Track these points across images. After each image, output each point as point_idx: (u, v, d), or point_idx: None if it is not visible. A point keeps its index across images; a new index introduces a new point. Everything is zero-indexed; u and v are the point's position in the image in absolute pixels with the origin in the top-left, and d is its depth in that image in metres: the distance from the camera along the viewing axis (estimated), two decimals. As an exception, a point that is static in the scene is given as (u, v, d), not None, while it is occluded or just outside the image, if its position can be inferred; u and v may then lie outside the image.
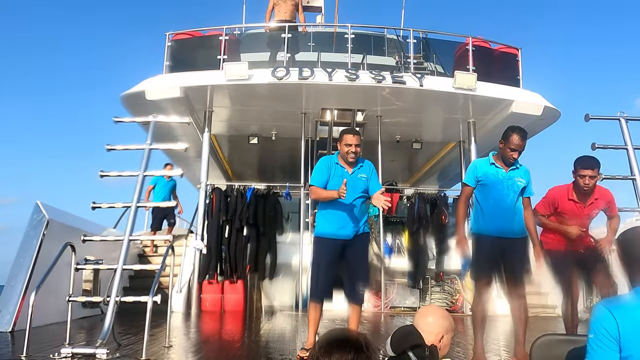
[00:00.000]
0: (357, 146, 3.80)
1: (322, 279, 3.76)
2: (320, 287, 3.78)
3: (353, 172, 3.82)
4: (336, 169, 3.83)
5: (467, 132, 8.77)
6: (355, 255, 3.78)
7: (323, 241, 3.81)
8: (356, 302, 3.82)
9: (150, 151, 4.24)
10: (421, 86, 7.40)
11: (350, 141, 3.78)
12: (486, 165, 3.64)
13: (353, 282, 3.76)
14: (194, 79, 7.49)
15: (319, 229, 3.87)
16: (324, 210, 3.85)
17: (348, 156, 3.79)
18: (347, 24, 8.24)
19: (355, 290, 3.75)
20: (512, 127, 3.66)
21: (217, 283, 7.68)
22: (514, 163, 3.57)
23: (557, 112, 8.06)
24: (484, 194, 3.60)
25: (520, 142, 3.52)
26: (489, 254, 3.49)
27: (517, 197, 3.56)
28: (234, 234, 7.76)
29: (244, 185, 8.07)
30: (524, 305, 3.51)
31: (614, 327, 1.56)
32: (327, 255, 3.77)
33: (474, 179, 3.64)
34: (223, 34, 7.73)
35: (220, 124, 9.20)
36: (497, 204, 3.53)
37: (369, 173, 3.87)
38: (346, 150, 3.79)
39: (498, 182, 3.55)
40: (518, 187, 3.55)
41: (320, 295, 3.80)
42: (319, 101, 8.06)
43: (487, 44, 8.34)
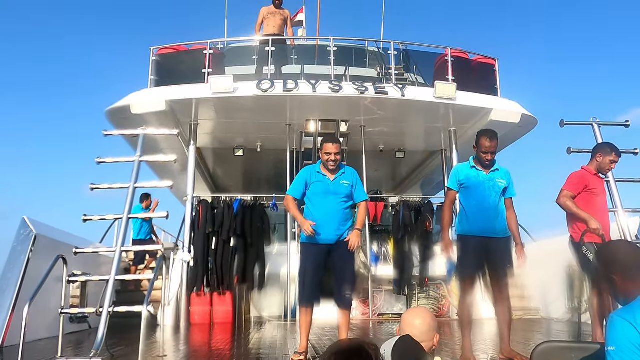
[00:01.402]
0: (337, 154, 3.96)
1: (309, 283, 3.88)
2: (308, 292, 3.90)
3: (335, 179, 3.97)
4: (317, 177, 3.98)
5: (449, 140, 8.98)
6: (341, 260, 3.90)
7: (308, 247, 3.94)
8: (344, 306, 3.92)
9: (140, 163, 4.30)
10: (403, 96, 7.59)
11: (330, 149, 3.95)
12: (467, 169, 3.81)
13: (340, 287, 3.87)
14: (179, 93, 7.56)
15: (304, 237, 3.98)
16: (308, 216, 3.97)
17: (328, 164, 3.95)
18: (329, 36, 8.41)
19: (342, 295, 3.86)
20: (480, 131, 3.88)
21: (206, 295, 7.67)
22: (492, 165, 3.74)
23: (534, 119, 8.33)
24: (466, 196, 3.76)
25: (489, 144, 3.70)
26: (474, 253, 3.64)
27: (499, 198, 3.72)
28: (221, 245, 7.78)
29: (231, 197, 8.11)
30: (507, 304, 3.65)
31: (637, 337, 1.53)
32: (313, 260, 3.90)
33: (456, 183, 3.80)
34: (207, 48, 7.83)
35: (206, 137, 9.25)
36: (479, 204, 3.68)
37: (352, 180, 4.03)
38: (326, 158, 3.96)
39: (480, 183, 3.72)
40: (499, 187, 3.72)
41: (309, 300, 3.92)
42: (304, 112, 8.19)
43: (466, 55, 8.61)
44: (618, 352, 1.54)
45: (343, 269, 3.88)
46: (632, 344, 1.52)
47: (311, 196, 3.97)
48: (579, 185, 4.00)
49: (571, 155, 4.94)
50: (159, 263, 4.36)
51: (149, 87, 7.87)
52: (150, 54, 7.97)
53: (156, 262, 6.65)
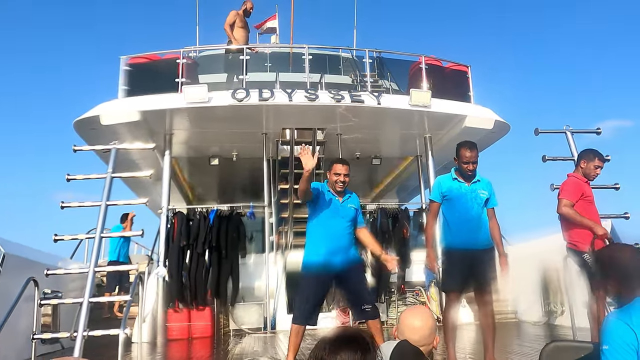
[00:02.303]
0: (346, 176, 3.89)
1: (309, 307, 3.79)
2: (306, 314, 3.80)
3: (344, 201, 3.89)
4: (327, 194, 3.89)
5: (424, 146, 9.06)
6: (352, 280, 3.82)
7: (313, 271, 3.82)
8: (372, 317, 3.82)
9: (112, 179, 4.16)
10: (379, 104, 7.62)
11: (339, 170, 3.87)
12: (449, 181, 3.82)
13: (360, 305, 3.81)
14: (152, 103, 7.39)
15: (309, 257, 3.87)
16: (313, 236, 3.89)
17: (336, 185, 3.86)
18: (304, 45, 8.39)
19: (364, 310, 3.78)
20: (460, 143, 3.91)
21: (184, 310, 7.50)
22: (473, 176, 3.77)
23: (507, 125, 8.49)
24: (449, 208, 3.77)
25: (470, 154, 3.73)
26: (459, 267, 3.65)
27: (482, 209, 3.75)
28: (195, 259, 7.62)
29: (207, 207, 7.96)
30: (491, 314, 3.67)
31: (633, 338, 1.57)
32: (316, 285, 3.79)
33: (439, 195, 3.81)
34: (180, 57, 7.69)
35: (180, 146, 9.08)
36: (462, 216, 3.70)
37: (357, 205, 3.98)
38: (335, 179, 3.87)
39: (462, 195, 3.74)
40: (481, 199, 3.75)
41: (305, 321, 3.83)
42: (280, 121, 8.13)
43: (439, 62, 8.71)
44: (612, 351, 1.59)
45: (357, 287, 3.83)
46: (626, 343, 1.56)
47: (319, 215, 3.84)
48: (576, 193, 3.97)
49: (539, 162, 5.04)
50: (134, 284, 4.22)
51: (120, 97, 7.66)
52: (120, 63, 7.78)
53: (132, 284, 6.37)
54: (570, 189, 4.00)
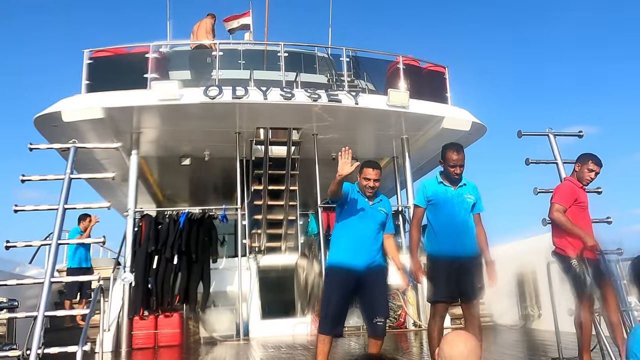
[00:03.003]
0: (376, 181, 3.65)
1: (332, 312, 3.50)
2: (330, 321, 3.51)
3: (374, 204, 3.66)
4: (357, 196, 3.66)
5: (401, 147, 8.94)
6: (373, 286, 3.55)
7: (336, 272, 3.58)
8: (376, 335, 3.52)
9: (71, 181, 3.82)
10: (356, 104, 7.44)
11: (370, 175, 3.64)
12: (434, 185, 3.64)
13: (371, 315, 3.52)
14: (118, 99, 7.00)
15: (332, 258, 3.65)
16: (339, 237, 3.66)
17: (366, 190, 3.64)
18: (279, 42, 8.13)
19: (374, 323, 3.49)
20: (446, 145, 3.72)
21: (150, 318, 7.12)
22: (460, 179, 3.60)
23: (483, 127, 8.44)
24: (434, 214, 3.59)
25: (457, 157, 3.56)
26: (446, 276, 3.47)
27: (468, 214, 3.58)
28: (163, 264, 7.24)
29: (177, 210, 7.60)
30: (478, 325, 3.50)
31: None
32: (339, 287, 3.53)
33: (424, 200, 3.63)
34: (150, 50, 7.32)
35: (149, 145, 8.68)
36: (448, 221, 3.52)
37: (388, 209, 3.73)
38: (365, 184, 3.64)
39: (448, 200, 3.56)
40: (468, 203, 3.58)
41: (331, 330, 3.52)
42: (254, 120, 7.85)
43: (416, 63, 8.59)
44: None
45: (375, 295, 3.55)
46: None
47: (346, 216, 3.62)
48: (570, 198, 3.81)
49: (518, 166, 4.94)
50: (95, 295, 3.88)
51: (83, 92, 7.23)
52: (83, 57, 7.34)
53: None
54: (563, 194, 3.84)
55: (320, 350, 3.50)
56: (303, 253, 8.14)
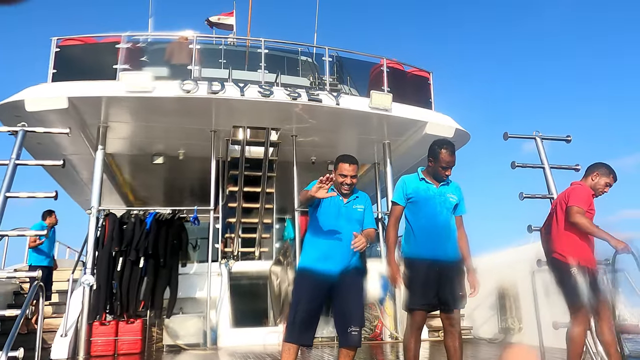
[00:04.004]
0: (353, 177, 3.33)
1: (300, 318, 3.15)
2: (298, 328, 3.15)
3: (348, 202, 3.32)
4: (332, 198, 3.28)
5: (382, 153, 8.70)
6: (347, 291, 3.21)
7: (306, 276, 3.24)
8: (350, 345, 3.15)
9: (16, 167, 3.43)
10: (337, 105, 7.18)
11: (346, 171, 3.31)
12: (415, 181, 3.35)
13: (345, 322, 3.16)
14: (85, 89, 6.60)
15: (303, 261, 3.30)
16: (311, 239, 3.31)
17: (342, 187, 3.30)
18: (260, 38, 7.84)
19: (347, 332, 3.14)
20: (439, 142, 3.40)
21: (111, 323, 6.68)
22: (446, 180, 3.33)
23: (467, 134, 8.25)
24: (414, 213, 3.29)
25: (450, 158, 3.27)
26: (425, 281, 3.15)
27: (450, 215, 3.29)
28: (128, 266, 6.81)
29: (144, 210, 7.19)
30: (459, 335, 3.20)
31: None
32: (309, 292, 3.19)
33: (403, 197, 3.33)
34: (121, 40, 6.95)
35: (120, 142, 8.27)
36: (429, 222, 3.22)
37: (366, 204, 3.39)
38: (341, 180, 3.30)
39: (429, 198, 3.27)
40: (451, 203, 3.29)
41: (297, 338, 3.17)
42: (231, 118, 7.51)
43: (401, 66, 8.39)
44: None
45: (350, 302, 3.20)
46: None
47: (319, 217, 3.30)
48: (587, 203, 3.56)
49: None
50: (31, 294, 3.48)
51: (49, 81, 6.82)
52: (52, 45, 6.93)
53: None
54: (582, 197, 3.56)
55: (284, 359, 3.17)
56: (277, 259, 7.80)
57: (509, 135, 4.45)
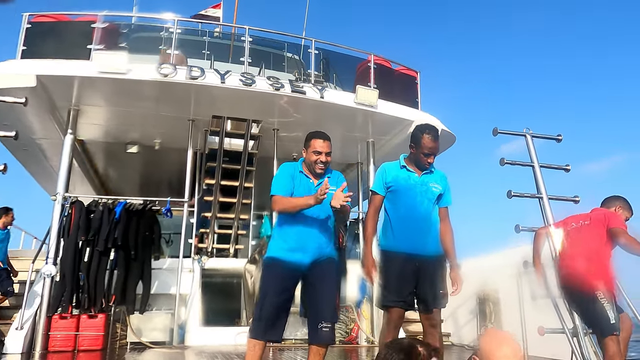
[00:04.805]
0: (328, 155, 3.08)
1: (267, 313, 2.88)
2: (264, 323, 2.89)
3: (319, 184, 3.03)
4: (301, 179, 3.05)
5: (366, 152, 8.48)
6: (319, 284, 2.95)
7: (274, 266, 2.96)
8: (319, 341, 2.90)
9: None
10: (322, 98, 6.95)
11: (320, 147, 3.06)
12: (396, 169, 3.12)
13: (316, 317, 2.91)
14: (55, 68, 6.24)
15: (271, 251, 3.02)
16: (281, 227, 3.03)
17: (316, 166, 3.05)
18: (244, 26, 7.57)
19: (318, 327, 2.88)
20: (421, 126, 3.19)
21: (72, 317, 6.29)
22: (429, 167, 3.10)
23: (452, 136, 8.10)
24: (393, 203, 3.05)
25: (434, 144, 3.06)
26: (402, 276, 2.91)
27: (433, 206, 3.06)
28: (96, 257, 6.45)
29: (114, 199, 6.83)
30: (439, 337, 2.97)
31: None
32: (277, 284, 2.92)
33: (383, 186, 3.10)
34: (98, 20, 6.61)
35: (93, 129, 7.89)
36: (409, 213, 2.99)
37: (338, 185, 3.09)
38: (315, 158, 3.04)
39: (410, 187, 3.03)
40: (433, 194, 3.05)
41: (263, 334, 2.90)
42: (210, 107, 7.22)
43: (388, 64, 8.21)
44: None
45: (322, 295, 2.93)
46: None
47: None
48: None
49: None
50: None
51: (18, 58, 6.44)
52: (22, 21, 6.56)
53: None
54: (621, 219, 3.55)
55: (249, 358, 2.88)
56: (253, 258, 7.49)
57: (499, 131, 4.26)
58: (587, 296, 3.26)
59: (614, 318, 3.17)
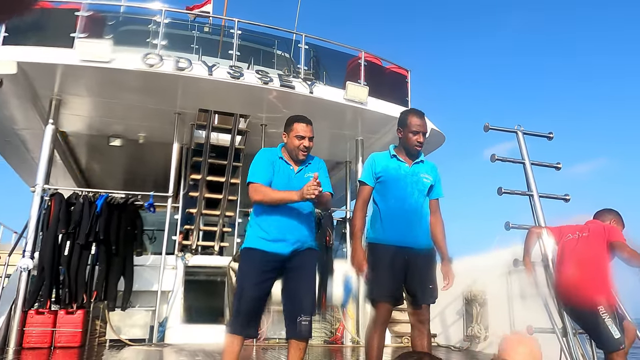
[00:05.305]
0: (311, 139, 2.94)
1: (246, 307, 2.74)
2: (242, 318, 2.75)
3: (300, 171, 2.91)
4: (279, 165, 2.89)
5: (355, 151, 8.39)
6: (297, 276, 2.82)
7: (251, 258, 2.82)
8: (298, 336, 2.76)
9: None
10: (311, 93, 6.85)
11: (304, 132, 2.93)
12: (386, 159, 3.02)
13: (294, 310, 2.78)
14: (37, 55, 6.04)
15: (249, 241, 2.87)
16: (259, 218, 2.86)
17: (299, 152, 2.89)
18: (234, 18, 7.44)
19: (297, 321, 2.75)
20: (405, 110, 3.14)
21: (49, 313, 6.09)
22: (419, 154, 3.00)
23: (442, 135, 8.05)
24: (383, 194, 2.94)
25: (421, 122, 2.97)
26: (389, 269, 2.79)
27: (424, 198, 2.96)
28: (77, 251, 6.26)
29: (95, 192, 6.64)
30: (428, 334, 2.86)
31: None
32: (255, 277, 2.77)
33: (372, 176, 2.99)
34: (82, 8, 6.43)
35: (76, 120, 7.69)
36: (398, 204, 2.88)
37: (319, 170, 2.97)
38: (297, 144, 2.90)
39: (400, 178, 2.93)
40: (424, 185, 2.96)
41: (241, 329, 2.76)
42: (197, 101, 7.07)
43: (379, 61, 8.13)
44: None
45: (301, 288, 2.80)
46: None
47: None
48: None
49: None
50: None
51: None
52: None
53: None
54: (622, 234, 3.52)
55: (227, 355, 2.76)
56: (238, 255, 7.36)
57: (490, 126, 4.18)
58: (589, 312, 3.20)
59: (617, 332, 3.12)
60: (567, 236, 3.61)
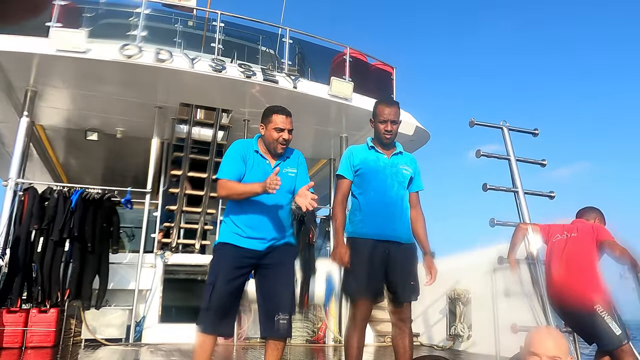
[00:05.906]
0: (290, 132, 2.80)
1: (217, 304, 2.59)
2: (213, 315, 2.60)
3: (277, 165, 2.77)
4: (255, 158, 2.74)
5: (339, 148, 8.29)
6: (274, 273, 2.68)
7: (223, 253, 2.68)
8: (276, 335, 2.63)
9: None
10: (295, 88, 6.73)
11: (283, 124, 2.77)
12: (364, 151, 2.92)
13: (271, 308, 2.64)
14: (10, 44, 5.82)
15: (222, 237, 2.73)
16: (233, 213, 2.73)
17: (277, 145, 2.74)
18: (217, 10, 7.29)
19: (275, 320, 2.62)
20: (377, 101, 3.03)
21: (21, 312, 5.87)
22: (393, 145, 2.91)
23: (427, 133, 7.99)
24: (361, 186, 2.84)
25: (389, 110, 2.87)
26: (368, 263, 2.69)
27: (404, 190, 2.86)
28: (51, 248, 6.05)
29: (70, 187, 6.43)
30: (409, 333, 2.77)
31: None
32: (228, 272, 2.63)
33: (350, 169, 2.89)
34: (58, -3, 6.22)
35: (52, 113, 7.46)
36: (377, 197, 2.78)
37: (297, 166, 2.84)
38: (276, 136, 2.74)
39: (379, 169, 2.83)
40: (404, 177, 2.86)
41: (212, 327, 2.62)
42: (178, 94, 6.90)
43: (364, 58, 8.05)
44: None
45: (278, 285, 2.67)
46: None
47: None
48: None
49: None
50: None
51: (-29, 34, 5.99)
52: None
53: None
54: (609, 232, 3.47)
55: (198, 355, 2.62)
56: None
57: (475, 122, 4.12)
58: (586, 312, 3.14)
59: (619, 328, 3.07)
60: (556, 236, 3.56)
